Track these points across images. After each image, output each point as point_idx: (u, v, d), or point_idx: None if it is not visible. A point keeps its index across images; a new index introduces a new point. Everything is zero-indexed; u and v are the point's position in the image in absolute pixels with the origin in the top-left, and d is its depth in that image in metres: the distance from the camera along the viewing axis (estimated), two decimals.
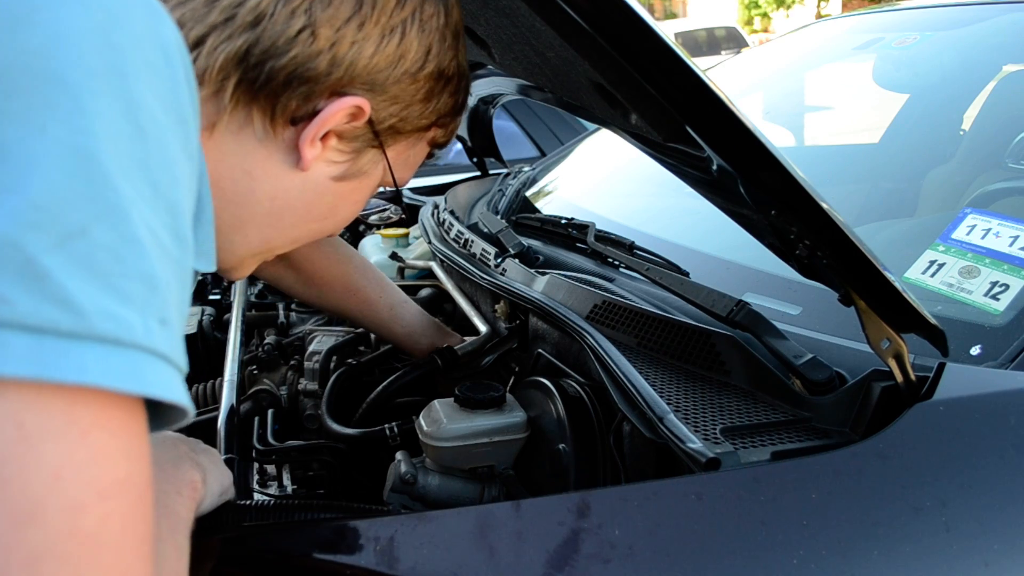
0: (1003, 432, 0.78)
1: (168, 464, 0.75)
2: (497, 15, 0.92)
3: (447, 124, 0.85)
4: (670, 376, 0.94)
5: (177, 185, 0.49)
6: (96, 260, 0.42)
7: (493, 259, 1.37)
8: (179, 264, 0.48)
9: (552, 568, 0.65)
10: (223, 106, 0.69)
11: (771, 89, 2.13)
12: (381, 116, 0.76)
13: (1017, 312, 0.95)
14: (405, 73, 0.75)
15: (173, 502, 0.71)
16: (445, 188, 2.08)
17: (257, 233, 0.77)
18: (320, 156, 0.74)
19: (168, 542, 0.65)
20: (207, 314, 1.73)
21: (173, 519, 0.69)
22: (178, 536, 0.67)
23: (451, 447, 1.00)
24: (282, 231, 0.79)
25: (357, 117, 0.73)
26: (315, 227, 0.82)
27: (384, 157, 0.80)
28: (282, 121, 0.71)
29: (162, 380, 0.43)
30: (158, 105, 0.48)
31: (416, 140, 0.83)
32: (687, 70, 0.69)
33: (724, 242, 1.29)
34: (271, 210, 0.76)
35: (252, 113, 0.70)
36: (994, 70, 1.64)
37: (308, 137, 0.72)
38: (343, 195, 0.80)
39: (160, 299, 0.44)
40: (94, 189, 0.42)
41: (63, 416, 0.40)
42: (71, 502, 0.40)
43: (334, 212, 0.81)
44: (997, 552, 0.71)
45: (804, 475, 0.73)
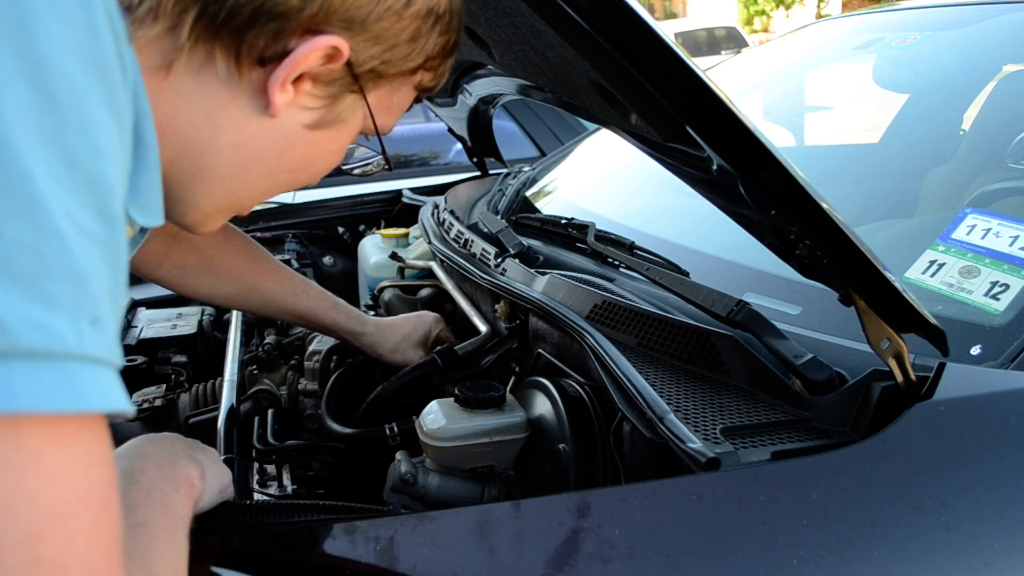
0: (1003, 432, 0.78)
1: (165, 462, 0.75)
2: (497, 15, 0.92)
3: (436, 67, 0.76)
4: (670, 376, 0.94)
5: (100, 155, 0.44)
6: (14, 263, 0.38)
7: (493, 259, 1.37)
8: (107, 245, 0.44)
9: (552, 568, 0.65)
10: (180, 44, 0.61)
11: (771, 89, 2.13)
12: (361, 58, 0.67)
13: (1017, 312, 0.95)
14: (389, 10, 0.67)
15: (171, 500, 0.70)
16: (445, 188, 2.08)
17: (222, 185, 0.70)
18: (292, 101, 0.67)
19: (166, 540, 0.65)
20: (207, 314, 1.73)
21: (171, 517, 0.68)
22: (176, 535, 0.66)
23: (451, 447, 1.00)
24: (249, 183, 0.71)
25: (334, 59, 0.65)
26: (286, 179, 0.74)
27: (365, 103, 0.72)
28: (248, 61, 0.63)
29: (98, 389, 0.41)
30: (72, 61, 0.43)
31: (400, 84, 0.75)
32: (687, 70, 0.69)
33: (724, 242, 1.29)
34: (236, 160, 0.68)
35: (214, 52, 0.62)
36: (994, 70, 1.64)
37: (278, 80, 0.64)
38: (318, 144, 0.72)
39: (89, 296, 0.41)
40: (3, 179, 0.38)
41: (8, 443, 0.38)
42: (27, 533, 0.38)
43: (308, 163, 0.74)
44: (997, 552, 0.71)
45: (804, 475, 0.73)
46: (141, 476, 0.71)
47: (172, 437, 0.81)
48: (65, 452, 0.40)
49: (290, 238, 2.18)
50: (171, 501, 0.70)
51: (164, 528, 0.66)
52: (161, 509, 0.68)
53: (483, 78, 1.52)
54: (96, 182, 0.43)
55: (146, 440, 0.79)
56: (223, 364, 1.37)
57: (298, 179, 0.75)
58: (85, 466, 0.42)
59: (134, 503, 0.67)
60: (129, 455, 0.75)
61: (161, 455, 0.76)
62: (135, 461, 0.73)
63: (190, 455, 0.78)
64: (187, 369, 1.52)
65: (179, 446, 0.79)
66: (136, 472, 0.71)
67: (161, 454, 0.76)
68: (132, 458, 0.74)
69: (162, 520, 0.67)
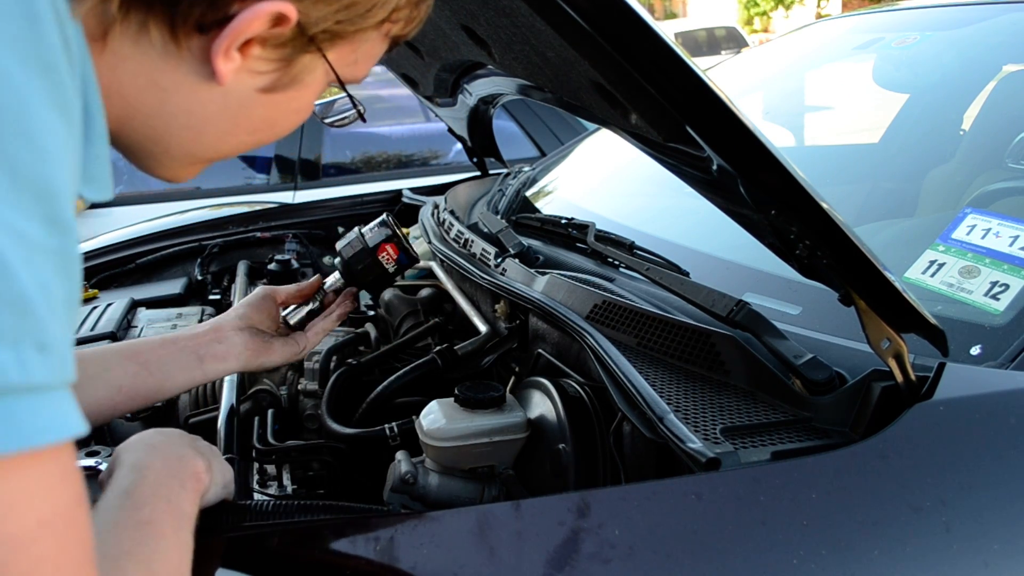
0: (1003, 432, 0.78)
1: (172, 455, 0.74)
2: (497, 15, 0.92)
3: (406, 16, 0.69)
4: (670, 376, 0.94)
5: (45, 160, 0.42)
6: None
7: (493, 259, 1.37)
8: (60, 254, 0.42)
9: (552, 568, 0.65)
10: (111, 16, 0.57)
11: (771, 89, 2.13)
12: (312, 19, 0.62)
13: (1017, 312, 0.95)
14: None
15: (177, 496, 0.70)
16: (445, 188, 2.08)
17: (179, 146, 0.66)
18: (241, 67, 0.62)
19: (171, 539, 0.64)
20: (207, 314, 1.73)
21: (177, 515, 0.68)
22: (182, 533, 0.66)
23: (451, 447, 1.00)
24: (208, 145, 0.67)
25: (281, 23, 0.60)
26: (248, 139, 0.69)
27: (325, 62, 0.66)
28: (186, 30, 0.59)
29: (44, 421, 0.40)
30: (10, 59, 0.41)
31: (365, 39, 0.69)
32: (687, 70, 0.69)
33: (724, 242, 1.29)
34: (189, 124, 0.64)
35: (147, 22, 0.58)
36: (994, 70, 1.64)
37: (220, 49, 0.59)
38: (278, 105, 0.67)
39: (34, 320, 0.39)
40: None
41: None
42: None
43: (271, 124, 0.69)
44: (997, 552, 0.71)
45: (804, 475, 0.73)
46: (148, 471, 0.71)
47: (177, 433, 0.81)
48: (22, 480, 0.39)
49: (290, 238, 2.19)
50: (177, 498, 0.70)
51: (170, 526, 0.65)
52: (167, 506, 0.68)
53: (483, 78, 1.52)
54: (43, 190, 0.41)
55: (153, 432, 0.79)
56: None
57: (261, 139, 0.71)
58: (45, 489, 0.41)
59: (140, 500, 0.67)
60: (137, 448, 0.75)
61: (168, 448, 0.75)
62: (142, 455, 0.73)
63: (196, 448, 0.78)
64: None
65: (184, 439, 0.79)
66: (143, 467, 0.71)
67: (168, 447, 0.76)
68: (139, 451, 0.74)
69: (168, 518, 0.66)
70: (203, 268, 2.05)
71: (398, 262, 1.17)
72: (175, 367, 0.99)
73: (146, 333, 1.58)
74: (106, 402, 0.93)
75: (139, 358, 0.97)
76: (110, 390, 0.93)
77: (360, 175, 4.04)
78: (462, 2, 0.97)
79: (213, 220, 2.24)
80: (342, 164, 4.15)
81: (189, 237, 2.15)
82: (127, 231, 2.25)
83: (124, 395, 0.94)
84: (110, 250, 2.08)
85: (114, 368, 0.95)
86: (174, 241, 2.13)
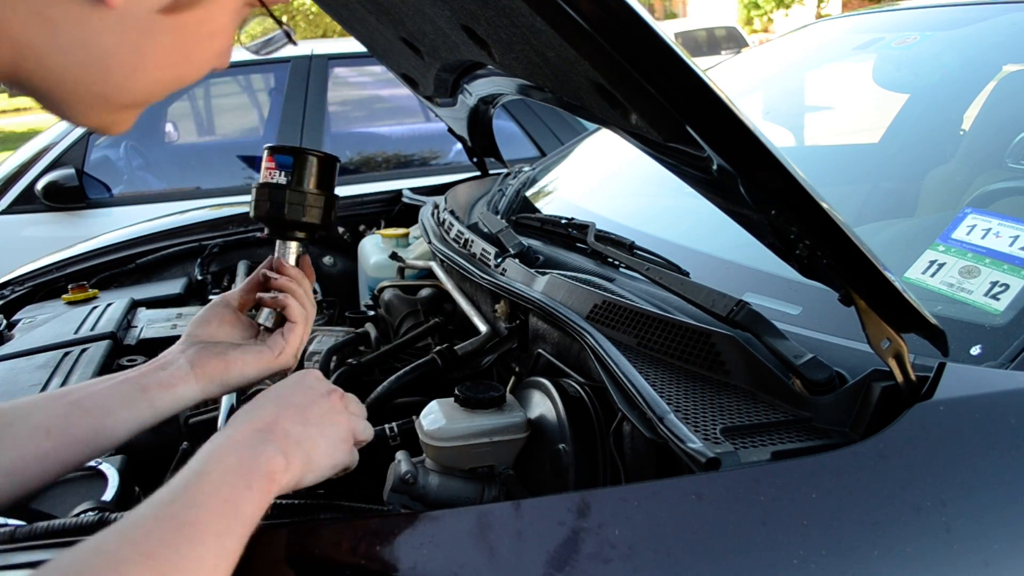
0: (1003, 432, 0.78)
1: (246, 449, 0.68)
2: (497, 15, 0.92)
3: None
4: (670, 376, 0.94)
5: None
6: None
7: (493, 259, 1.37)
8: None
9: (552, 568, 0.65)
10: None
11: (771, 89, 2.13)
12: None
13: (1017, 312, 0.95)
14: None
15: (238, 498, 0.64)
16: (445, 188, 2.08)
17: (86, 89, 0.59)
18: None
19: (208, 545, 0.59)
20: None
21: (229, 518, 0.62)
22: (227, 539, 0.61)
23: (451, 447, 1.00)
24: (117, 85, 0.60)
25: None
26: (163, 76, 0.62)
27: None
28: None
29: None
30: None
31: None
32: (687, 70, 0.69)
33: (724, 242, 1.29)
34: (87, 61, 0.57)
35: None
36: (994, 70, 1.64)
37: None
38: (187, 30, 0.60)
39: None
40: None
41: None
42: None
43: (186, 56, 0.61)
44: (997, 552, 0.71)
45: (804, 475, 0.73)
46: (216, 465, 0.66)
47: (313, 384, 0.78)
48: None
49: None
50: (237, 499, 0.64)
51: (214, 531, 0.61)
52: (222, 508, 0.62)
53: (483, 78, 1.52)
54: None
55: (271, 397, 0.75)
56: None
57: (181, 76, 0.63)
58: None
59: (193, 497, 0.62)
60: (226, 432, 0.70)
61: (244, 442, 0.69)
62: (221, 444, 0.68)
63: (285, 442, 0.71)
64: None
65: (283, 426, 0.72)
66: (212, 459, 0.66)
67: (245, 440, 0.69)
68: (222, 438, 0.69)
69: (217, 520, 0.61)
70: (203, 268, 2.05)
71: (280, 164, 0.93)
72: (114, 402, 0.83)
73: (146, 333, 1.58)
74: (30, 450, 0.77)
75: (69, 397, 0.83)
76: (33, 435, 0.78)
77: (360, 175, 4.04)
78: (462, 2, 0.97)
79: (213, 220, 2.24)
80: (342, 164, 4.13)
81: (189, 237, 2.15)
82: (127, 231, 2.25)
83: (54, 440, 0.78)
84: (110, 250, 2.08)
85: (37, 412, 0.80)
86: (174, 241, 2.13)
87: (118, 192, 3.81)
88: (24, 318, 1.71)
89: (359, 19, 1.41)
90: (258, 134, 4.40)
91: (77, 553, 0.56)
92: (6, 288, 1.95)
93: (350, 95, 4.61)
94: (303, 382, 0.80)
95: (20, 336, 1.58)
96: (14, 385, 1.30)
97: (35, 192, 3.59)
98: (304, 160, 0.92)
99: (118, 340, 1.53)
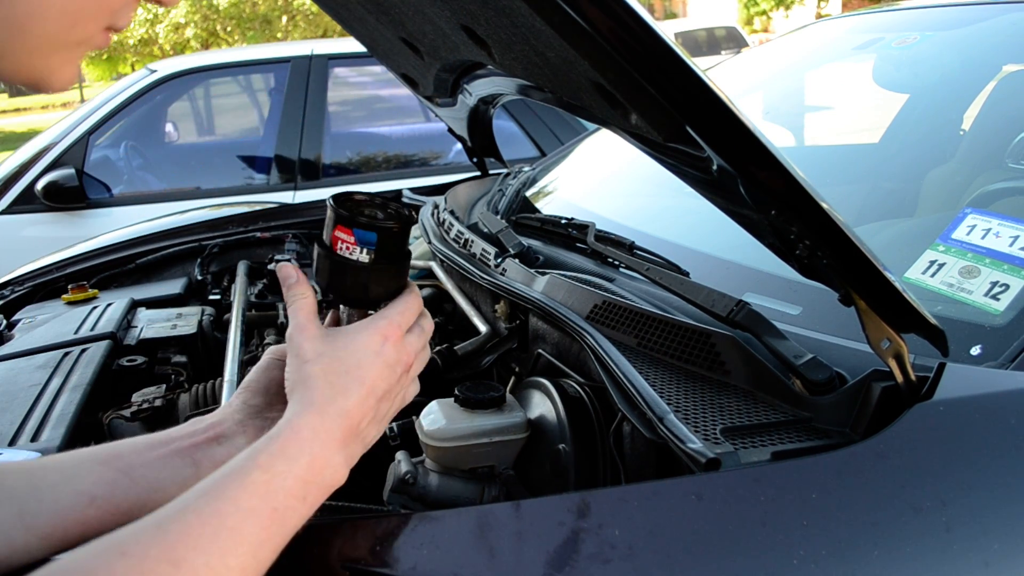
0: (1003, 432, 0.78)
1: (319, 451, 0.63)
2: (497, 15, 0.92)
3: None
4: (670, 376, 0.94)
5: None
6: None
7: (493, 259, 1.37)
8: None
9: (552, 568, 0.65)
10: None
11: (771, 89, 2.13)
12: None
13: (1017, 312, 0.95)
14: None
15: (289, 509, 0.59)
16: (445, 188, 2.08)
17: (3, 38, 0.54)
18: None
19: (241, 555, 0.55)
20: (207, 314, 1.73)
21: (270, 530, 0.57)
22: (262, 553, 0.57)
23: (451, 447, 1.00)
24: (25, 22, 0.54)
25: None
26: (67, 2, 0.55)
27: None
28: None
29: None
30: None
31: None
32: (687, 70, 0.69)
33: (724, 242, 1.29)
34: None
35: None
36: (994, 70, 1.64)
37: None
38: None
39: None
40: None
41: None
42: None
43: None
44: (997, 552, 0.71)
45: (804, 475, 0.73)
46: (279, 463, 0.60)
47: (395, 363, 0.70)
48: None
49: (290, 238, 2.19)
50: (287, 510, 0.59)
51: (253, 541, 0.56)
52: (267, 517, 0.58)
53: (483, 78, 1.52)
54: None
55: (358, 378, 0.67)
56: (223, 364, 1.37)
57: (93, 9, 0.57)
58: None
59: (237, 501, 0.57)
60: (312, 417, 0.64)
61: (331, 439, 0.64)
62: (302, 427, 0.63)
63: (357, 448, 0.67)
64: (187, 369, 1.52)
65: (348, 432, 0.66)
66: (281, 454, 0.61)
67: (332, 436, 0.64)
68: (305, 420, 0.64)
69: (259, 531, 0.57)
70: (203, 268, 2.05)
71: (361, 240, 0.79)
72: (164, 476, 0.75)
73: (146, 333, 1.58)
74: (73, 516, 0.70)
75: (118, 463, 0.74)
76: (77, 501, 0.71)
77: (360, 175, 4.04)
78: (462, 2, 0.97)
79: (213, 220, 2.24)
80: (342, 164, 4.15)
81: (189, 237, 2.15)
82: (127, 231, 2.25)
83: (98, 509, 0.71)
84: (110, 250, 2.08)
85: (85, 475, 0.72)
86: (174, 241, 2.13)
87: (118, 192, 3.81)
88: (24, 318, 1.71)
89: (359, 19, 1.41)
90: (258, 134, 4.40)
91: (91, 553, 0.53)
92: (6, 288, 1.95)
93: (350, 95, 4.61)
94: (387, 360, 0.72)
95: (20, 336, 1.58)
96: (14, 385, 1.30)
97: (35, 192, 3.59)
98: (389, 235, 0.79)
99: (118, 340, 1.53)
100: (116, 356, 1.47)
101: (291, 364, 0.69)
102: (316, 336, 0.71)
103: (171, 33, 17.05)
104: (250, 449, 0.62)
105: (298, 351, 0.69)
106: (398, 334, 0.73)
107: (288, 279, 0.76)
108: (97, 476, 0.73)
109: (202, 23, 16.98)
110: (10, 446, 1.09)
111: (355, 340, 0.71)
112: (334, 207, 0.77)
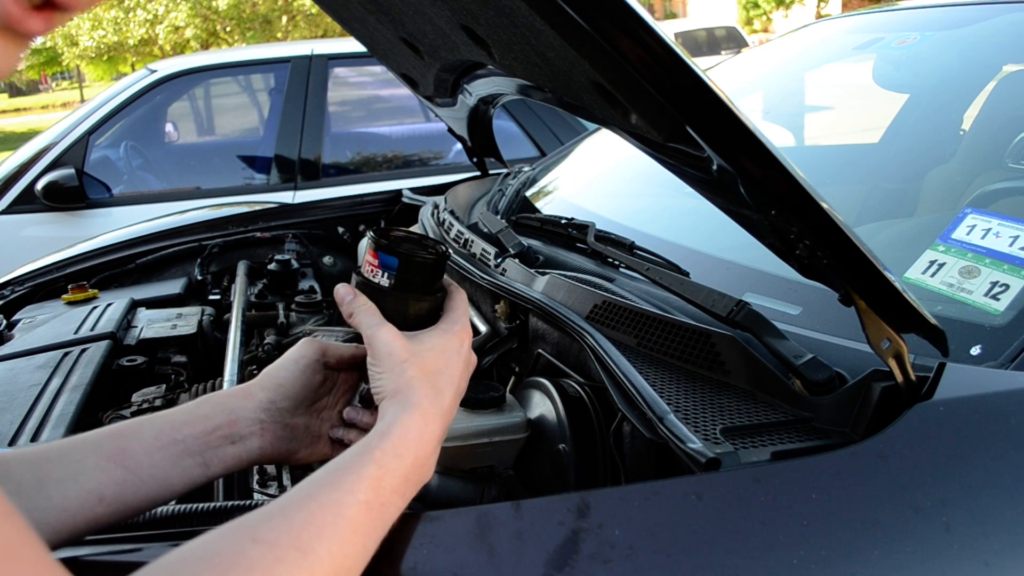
0: (1003, 432, 0.78)
1: (422, 451, 0.66)
2: (497, 15, 0.92)
3: None
4: (670, 376, 0.94)
5: None
6: None
7: (493, 259, 1.37)
8: None
9: (552, 568, 0.65)
10: None
11: (771, 89, 2.13)
12: None
13: (1017, 312, 0.95)
14: None
15: (391, 505, 0.61)
16: (445, 188, 2.08)
17: None
18: None
19: (355, 546, 0.57)
20: (207, 314, 1.73)
21: (376, 524, 0.59)
22: (370, 543, 0.58)
23: (451, 447, 1.00)
24: None
25: None
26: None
27: None
28: None
29: None
30: None
31: None
32: (687, 70, 0.69)
33: (724, 242, 1.29)
34: None
35: None
36: (994, 70, 1.64)
37: None
38: None
39: None
40: None
41: None
42: None
43: None
44: (997, 552, 0.71)
45: (804, 475, 0.73)
46: (392, 462, 0.63)
47: (471, 363, 0.73)
48: None
49: (290, 238, 2.19)
50: (390, 506, 0.62)
51: (365, 532, 0.58)
52: (377, 512, 0.60)
53: (483, 78, 1.52)
54: None
55: (451, 379, 0.70)
56: (223, 364, 1.37)
57: None
58: None
59: (354, 493, 0.59)
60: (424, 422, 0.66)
61: (433, 440, 0.67)
62: (413, 426, 0.65)
63: (414, 487, 0.68)
64: (187, 369, 1.52)
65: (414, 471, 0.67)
66: (392, 453, 0.63)
67: (434, 437, 0.67)
68: (417, 422, 0.66)
69: (369, 523, 0.59)
70: (203, 268, 2.05)
71: (384, 265, 0.79)
72: (174, 475, 0.75)
73: (146, 333, 1.58)
74: (82, 515, 0.70)
75: (126, 461, 0.73)
76: (86, 500, 0.70)
77: (360, 175, 4.05)
78: (462, 2, 0.97)
79: (213, 220, 2.24)
80: (342, 164, 4.15)
81: (189, 237, 2.15)
82: (127, 231, 2.25)
83: (107, 507, 0.71)
84: (110, 250, 2.08)
85: (91, 471, 0.72)
86: (174, 241, 2.13)
87: (118, 192, 3.81)
88: (24, 318, 1.71)
89: (359, 19, 1.41)
90: (258, 134, 4.41)
91: (220, 536, 0.53)
92: (6, 288, 1.95)
93: (350, 95, 4.61)
94: (466, 361, 0.75)
95: (20, 336, 1.58)
96: (14, 385, 1.30)
97: (35, 192, 3.60)
98: (410, 264, 0.79)
99: (118, 340, 1.53)
100: (116, 356, 1.47)
101: (384, 363, 0.71)
102: (401, 335, 0.72)
103: (171, 33, 17.06)
104: (363, 444, 0.64)
105: (390, 350, 0.71)
106: (471, 337, 0.77)
107: (346, 298, 0.76)
108: (105, 476, 0.72)
109: (202, 24, 16.99)
110: (10, 446, 1.09)
111: (440, 342, 0.74)
112: (372, 236, 0.80)
